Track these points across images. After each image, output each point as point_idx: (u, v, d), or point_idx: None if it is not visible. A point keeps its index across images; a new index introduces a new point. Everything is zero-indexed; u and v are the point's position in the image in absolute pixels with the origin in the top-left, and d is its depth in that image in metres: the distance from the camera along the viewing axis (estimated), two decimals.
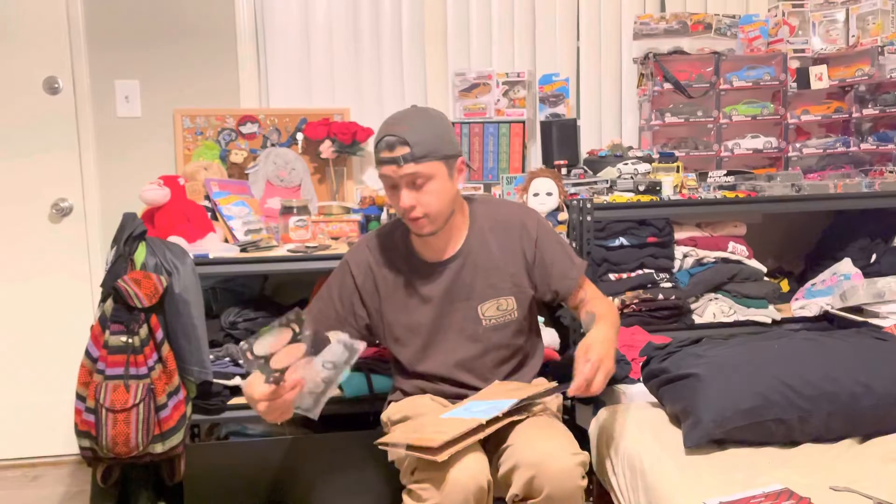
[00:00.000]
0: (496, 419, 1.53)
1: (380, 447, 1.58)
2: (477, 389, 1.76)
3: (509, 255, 1.77)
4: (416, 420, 1.67)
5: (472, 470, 1.47)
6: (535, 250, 1.78)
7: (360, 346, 1.49)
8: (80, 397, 1.97)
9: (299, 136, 2.77)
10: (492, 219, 1.80)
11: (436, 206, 1.66)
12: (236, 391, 2.21)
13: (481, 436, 1.51)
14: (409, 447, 1.48)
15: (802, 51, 2.88)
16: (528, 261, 1.78)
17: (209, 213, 2.38)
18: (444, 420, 1.58)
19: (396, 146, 1.62)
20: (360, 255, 1.82)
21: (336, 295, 1.80)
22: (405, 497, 1.55)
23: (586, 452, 1.57)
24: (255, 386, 1.44)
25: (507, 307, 1.77)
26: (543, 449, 1.51)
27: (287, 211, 2.37)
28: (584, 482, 1.52)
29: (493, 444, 1.63)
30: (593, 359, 1.55)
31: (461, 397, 1.75)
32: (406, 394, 1.83)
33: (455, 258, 1.76)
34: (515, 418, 1.59)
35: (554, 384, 1.80)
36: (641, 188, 2.44)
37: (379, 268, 1.79)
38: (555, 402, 1.79)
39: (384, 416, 1.84)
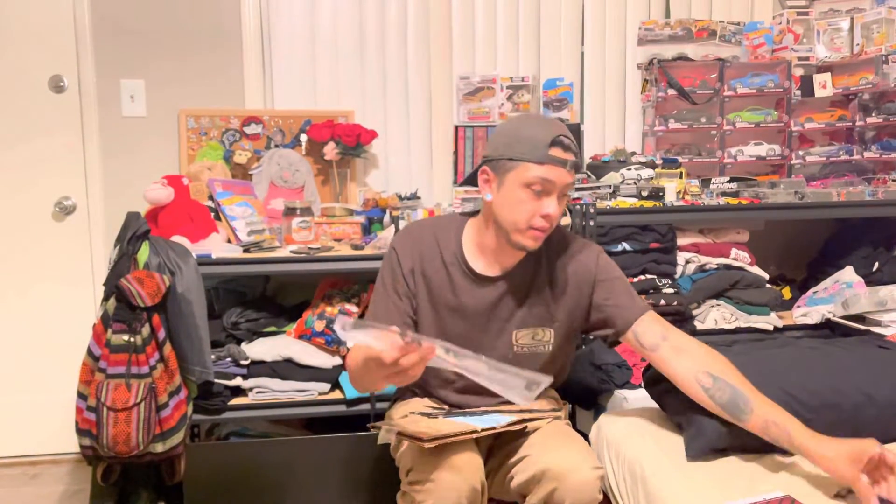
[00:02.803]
0: (492, 428, 1.53)
1: (371, 429, 1.59)
2: (500, 400, 1.70)
3: (566, 288, 1.67)
4: (412, 416, 1.66)
5: (465, 471, 1.46)
6: (594, 286, 1.67)
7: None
8: (82, 396, 1.97)
9: (303, 137, 2.77)
10: (558, 248, 1.70)
11: (558, 222, 1.60)
12: (237, 391, 2.22)
13: (473, 436, 1.51)
14: (400, 433, 1.49)
15: (807, 58, 2.88)
16: (585, 298, 1.67)
17: (212, 214, 2.38)
18: (440, 419, 1.59)
19: (569, 152, 1.53)
20: (408, 243, 1.69)
21: (391, 289, 1.67)
22: (399, 499, 1.55)
23: (603, 467, 1.56)
24: (384, 341, 1.28)
25: (542, 337, 1.69)
26: (565, 461, 1.49)
27: (290, 212, 2.37)
28: (601, 496, 1.52)
29: (503, 453, 1.63)
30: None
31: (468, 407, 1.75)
32: (415, 393, 1.82)
33: (505, 277, 1.66)
34: (513, 429, 1.58)
35: (557, 405, 1.79)
36: (644, 194, 2.44)
37: (427, 262, 1.67)
38: (563, 411, 1.78)
39: (387, 415, 1.84)
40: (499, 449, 1.66)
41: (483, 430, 1.51)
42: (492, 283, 1.66)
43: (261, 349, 2.24)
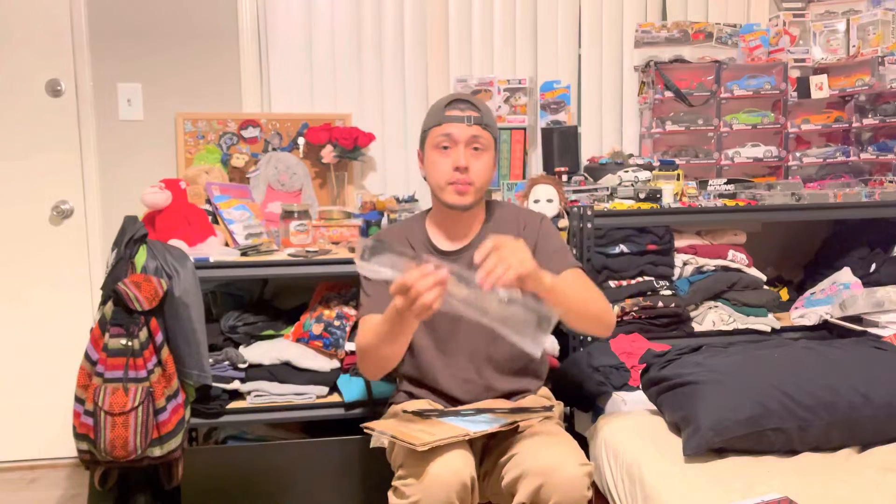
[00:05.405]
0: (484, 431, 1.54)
1: (365, 431, 1.60)
2: (487, 385, 1.77)
3: None
4: (405, 416, 1.67)
5: (455, 466, 1.47)
6: (537, 241, 1.78)
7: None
8: (79, 400, 1.97)
9: (301, 140, 2.77)
10: (507, 214, 1.86)
11: (483, 177, 1.74)
12: (235, 395, 2.22)
13: (465, 438, 1.52)
14: (394, 437, 1.50)
15: (803, 60, 2.89)
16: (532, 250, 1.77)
17: (210, 217, 2.38)
18: (433, 421, 1.60)
19: (467, 109, 1.73)
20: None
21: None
22: (390, 495, 1.55)
23: (592, 463, 1.57)
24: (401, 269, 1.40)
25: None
26: (551, 458, 1.51)
27: (288, 215, 2.37)
28: (590, 493, 1.52)
29: (495, 453, 1.63)
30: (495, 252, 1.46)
31: (459, 400, 1.77)
32: (411, 395, 1.83)
33: (469, 248, 1.77)
34: (505, 429, 1.59)
35: (549, 403, 1.80)
36: (642, 196, 2.44)
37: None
38: (557, 409, 1.79)
39: (382, 418, 1.84)
40: (492, 450, 1.66)
41: (475, 432, 1.52)
42: (459, 257, 1.76)
43: (258, 352, 2.23)
